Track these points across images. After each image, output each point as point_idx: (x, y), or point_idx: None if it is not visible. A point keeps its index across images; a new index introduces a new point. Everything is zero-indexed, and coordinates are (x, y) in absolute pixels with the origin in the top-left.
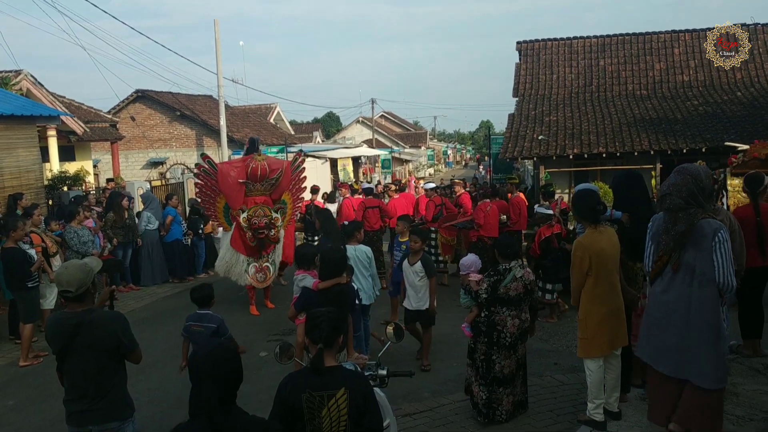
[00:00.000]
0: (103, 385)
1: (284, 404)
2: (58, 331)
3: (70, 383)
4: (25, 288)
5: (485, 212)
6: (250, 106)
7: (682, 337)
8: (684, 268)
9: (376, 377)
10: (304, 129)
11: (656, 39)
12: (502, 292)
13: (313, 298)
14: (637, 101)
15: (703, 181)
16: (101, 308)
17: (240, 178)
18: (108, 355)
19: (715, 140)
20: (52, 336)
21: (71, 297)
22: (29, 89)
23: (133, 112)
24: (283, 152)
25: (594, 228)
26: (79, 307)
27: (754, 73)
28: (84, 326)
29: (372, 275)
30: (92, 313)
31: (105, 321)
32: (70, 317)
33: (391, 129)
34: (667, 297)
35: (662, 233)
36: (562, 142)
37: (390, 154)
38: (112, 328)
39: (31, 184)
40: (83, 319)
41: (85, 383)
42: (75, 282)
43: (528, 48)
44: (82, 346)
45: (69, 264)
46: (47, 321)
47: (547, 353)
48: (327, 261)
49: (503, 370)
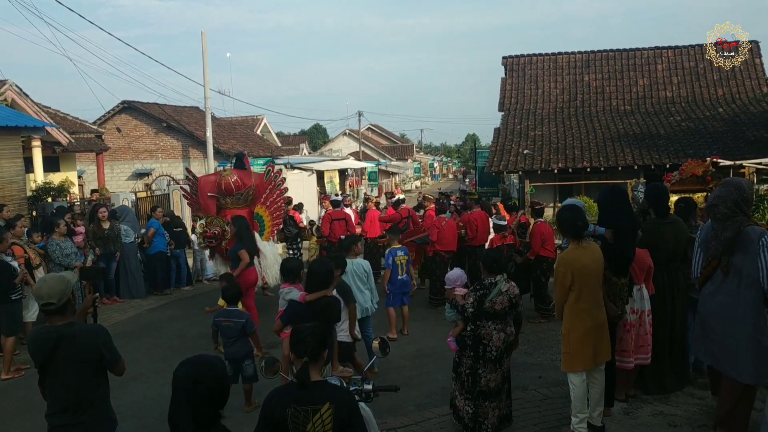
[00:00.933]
0: (86, 399)
1: (269, 419)
2: (39, 344)
3: (53, 397)
4: (9, 300)
5: (440, 227)
6: (237, 118)
7: (731, 336)
8: (733, 271)
9: (361, 392)
10: (290, 141)
11: (640, 55)
12: (487, 306)
13: (300, 310)
14: (621, 116)
15: (746, 191)
16: (83, 320)
17: (210, 191)
18: (90, 369)
19: (698, 155)
20: (33, 350)
21: (53, 309)
22: (14, 99)
23: (119, 123)
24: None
25: (577, 244)
26: (59, 320)
27: (735, 89)
28: (65, 340)
29: (370, 288)
30: (73, 326)
31: (86, 334)
32: (51, 331)
33: (377, 141)
34: (718, 299)
35: (711, 240)
36: (547, 157)
37: (377, 167)
38: (94, 341)
39: (14, 195)
40: (64, 332)
41: (67, 397)
42: (56, 293)
43: (514, 63)
44: (63, 359)
45: (47, 277)
46: (29, 335)
47: (532, 367)
48: (314, 273)
49: (489, 384)
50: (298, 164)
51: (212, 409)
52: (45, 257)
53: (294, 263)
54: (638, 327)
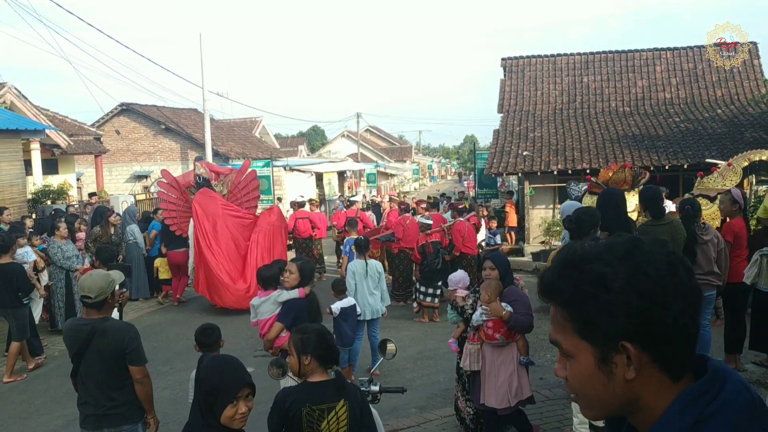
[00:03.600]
0: (115, 390)
1: (283, 418)
2: (73, 336)
3: (84, 388)
4: (21, 305)
5: (404, 226)
6: (235, 120)
7: None
8: None
9: (368, 393)
10: (289, 143)
11: (638, 57)
12: None
13: (302, 306)
14: (620, 118)
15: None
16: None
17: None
18: (118, 363)
19: (697, 157)
20: (68, 341)
21: (89, 303)
22: (13, 102)
23: (117, 126)
24: (268, 166)
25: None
26: (96, 314)
27: (734, 90)
28: (98, 333)
29: (381, 290)
30: (106, 321)
31: (117, 330)
32: (85, 324)
33: (376, 143)
34: None
35: None
36: (547, 158)
37: (375, 169)
38: (122, 337)
39: (15, 198)
40: (98, 326)
41: (97, 388)
42: (95, 289)
43: (513, 64)
44: (95, 352)
45: (94, 272)
46: (64, 326)
47: (533, 368)
48: (308, 269)
49: None
50: (297, 166)
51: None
52: (45, 260)
53: (272, 270)
54: None
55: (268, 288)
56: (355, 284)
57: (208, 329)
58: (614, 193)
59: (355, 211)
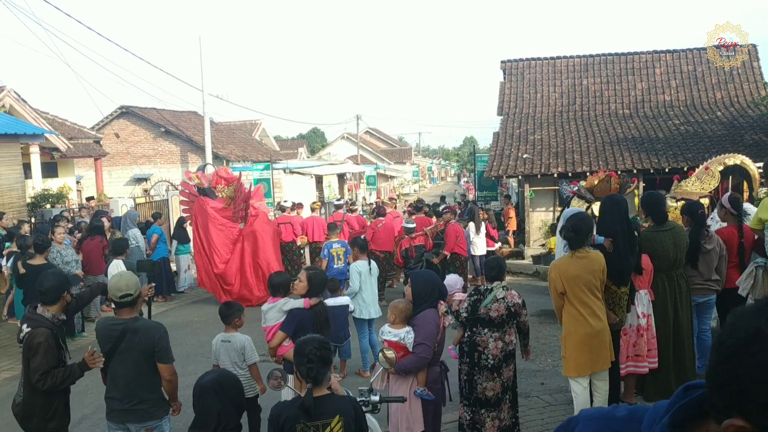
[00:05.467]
0: (144, 387)
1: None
2: (106, 334)
3: (113, 382)
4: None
5: (375, 229)
6: (235, 122)
7: None
8: None
9: (368, 403)
10: (288, 145)
11: (638, 59)
12: (482, 313)
13: (306, 317)
14: (619, 120)
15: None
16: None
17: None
18: (147, 361)
19: (697, 159)
20: (100, 338)
21: (128, 302)
22: (12, 105)
23: (117, 128)
24: (268, 169)
25: (572, 253)
26: (128, 314)
27: (734, 93)
28: (130, 332)
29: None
30: (138, 321)
31: (147, 329)
32: (118, 323)
33: (376, 145)
34: None
35: None
36: (547, 161)
37: (375, 171)
38: (153, 336)
39: (14, 203)
40: (130, 325)
41: (126, 384)
42: (133, 285)
43: (512, 67)
44: (126, 350)
45: (121, 272)
46: (97, 324)
47: (534, 373)
48: (318, 280)
49: (486, 392)
50: (297, 169)
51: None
52: None
53: (282, 277)
54: (646, 330)
55: (276, 295)
56: (360, 284)
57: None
58: (616, 200)
59: (341, 215)
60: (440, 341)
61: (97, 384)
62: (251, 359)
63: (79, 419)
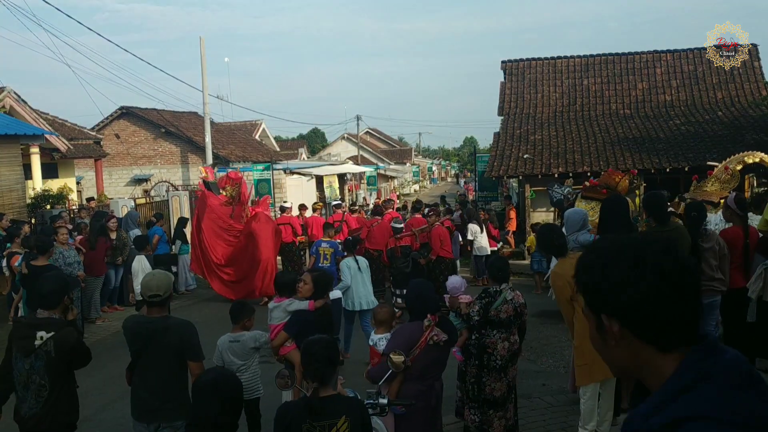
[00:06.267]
0: (172, 387)
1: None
2: (136, 332)
3: (143, 381)
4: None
5: (369, 228)
6: (236, 123)
7: None
8: None
9: (376, 405)
10: (289, 145)
11: (638, 59)
12: (492, 315)
13: (309, 319)
14: (620, 120)
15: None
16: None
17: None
18: (176, 360)
19: (698, 159)
20: (130, 337)
21: (158, 301)
22: (12, 106)
23: (117, 129)
24: (268, 169)
25: (563, 259)
26: (158, 312)
27: (735, 92)
28: (160, 331)
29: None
30: (168, 320)
31: (178, 326)
32: (148, 322)
33: (376, 145)
34: None
35: None
36: (547, 161)
37: (375, 171)
38: (183, 334)
39: (14, 204)
40: (159, 325)
41: (155, 383)
42: (163, 286)
43: (513, 67)
44: (156, 349)
45: (155, 272)
46: (125, 323)
47: (536, 374)
48: (323, 282)
49: (494, 393)
50: (297, 169)
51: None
52: None
53: (289, 277)
54: None
55: (282, 295)
56: (351, 278)
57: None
58: (618, 200)
59: (341, 215)
60: (418, 357)
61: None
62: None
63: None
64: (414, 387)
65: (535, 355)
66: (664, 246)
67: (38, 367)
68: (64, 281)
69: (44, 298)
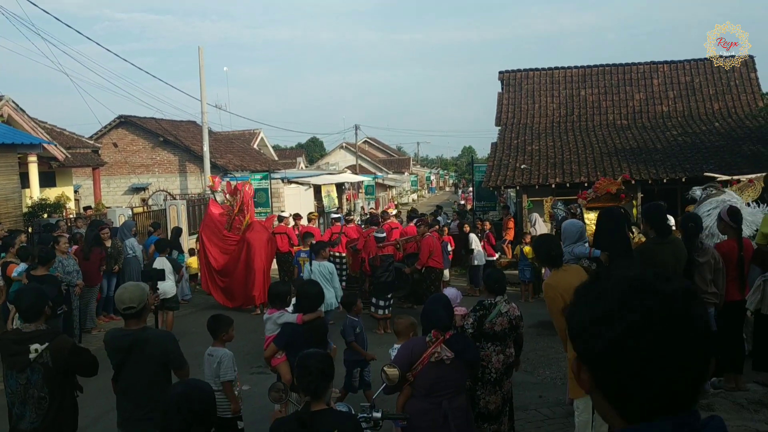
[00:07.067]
0: (154, 396)
1: None
2: (115, 346)
3: (125, 393)
4: (55, 316)
5: (365, 238)
6: (234, 132)
7: None
8: None
9: (370, 419)
10: (287, 154)
11: (636, 70)
12: (487, 328)
13: (297, 332)
14: (617, 131)
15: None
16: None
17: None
18: (158, 370)
19: (695, 170)
20: (110, 350)
21: (133, 313)
22: (10, 115)
23: (115, 138)
24: (266, 179)
25: (556, 269)
26: (136, 324)
27: (731, 104)
28: (139, 343)
29: (334, 287)
30: (146, 331)
31: (157, 339)
32: (127, 334)
33: (374, 155)
34: None
35: None
36: (545, 171)
37: (373, 180)
38: (164, 345)
39: (10, 213)
40: (139, 336)
41: (138, 394)
42: (136, 298)
43: (510, 78)
44: (136, 360)
45: (127, 285)
46: (105, 337)
47: (532, 386)
48: (306, 295)
49: (488, 406)
50: (295, 178)
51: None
52: None
53: (282, 288)
54: None
55: (273, 306)
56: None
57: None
58: (613, 213)
59: (339, 227)
60: (420, 373)
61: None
62: (225, 376)
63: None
64: (418, 404)
65: (531, 367)
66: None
67: (35, 380)
68: (41, 292)
69: (25, 312)
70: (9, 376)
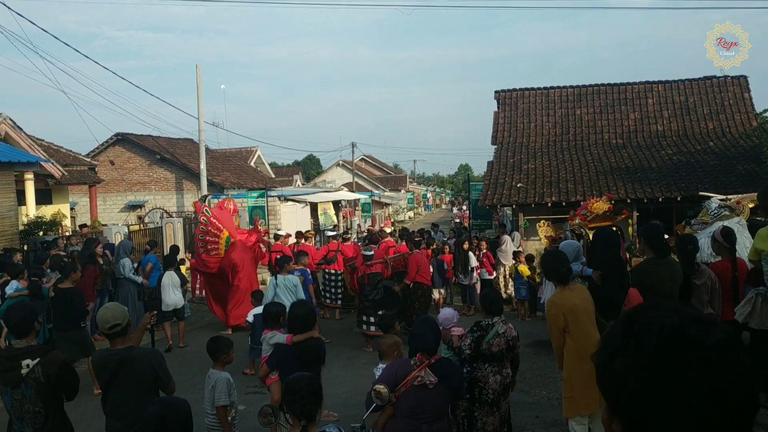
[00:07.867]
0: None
1: None
2: (102, 365)
3: (114, 412)
4: (79, 327)
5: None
6: (231, 150)
7: None
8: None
9: None
10: (284, 172)
11: (630, 89)
12: (484, 348)
13: (287, 353)
14: (613, 150)
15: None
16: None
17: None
18: (147, 388)
19: (690, 189)
20: (97, 370)
21: (118, 332)
22: (7, 132)
23: (112, 155)
24: (263, 196)
25: (562, 287)
26: (121, 343)
27: (725, 123)
28: (126, 362)
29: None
30: (133, 350)
31: (144, 357)
32: (114, 354)
33: (371, 172)
34: None
35: None
36: (541, 190)
37: (370, 198)
38: (151, 363)
39: (6, 231)
40: (126, 356)
41: (127, 413)
42: (119, 316)
43: (506, 97)
44: (124, 379)
45: (107, 305)
46: (92, 357)
47: (529, 406)
48: (295, 316)
49: (486, 427)
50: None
51: None
52: None
53: (276, 308)
54: None
55: (267, 326)
56: (273, 296)
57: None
58: (607, 233)
59: (336, 245)
60: (402, 395)
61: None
62: (218, 400)
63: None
64: (399, 424)
65: (528, 386)
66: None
67: (29, 395)
68: (30, 308)
69: (16, 328)
70: (4, 393)
